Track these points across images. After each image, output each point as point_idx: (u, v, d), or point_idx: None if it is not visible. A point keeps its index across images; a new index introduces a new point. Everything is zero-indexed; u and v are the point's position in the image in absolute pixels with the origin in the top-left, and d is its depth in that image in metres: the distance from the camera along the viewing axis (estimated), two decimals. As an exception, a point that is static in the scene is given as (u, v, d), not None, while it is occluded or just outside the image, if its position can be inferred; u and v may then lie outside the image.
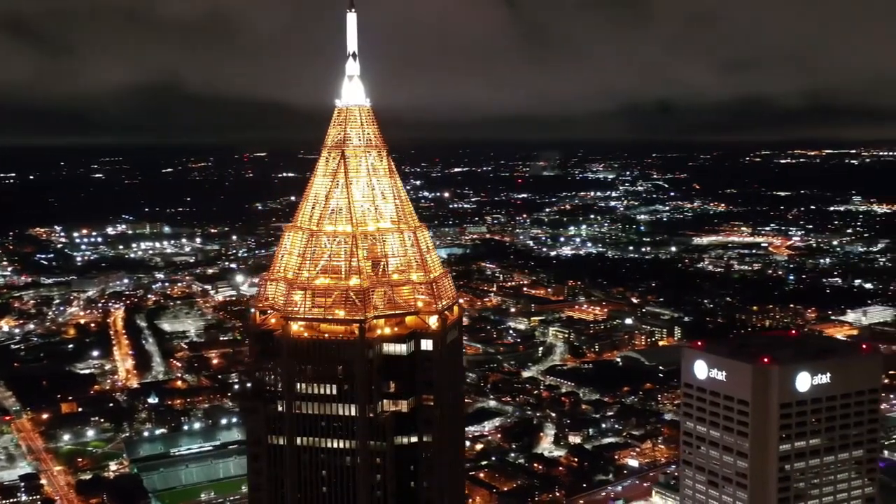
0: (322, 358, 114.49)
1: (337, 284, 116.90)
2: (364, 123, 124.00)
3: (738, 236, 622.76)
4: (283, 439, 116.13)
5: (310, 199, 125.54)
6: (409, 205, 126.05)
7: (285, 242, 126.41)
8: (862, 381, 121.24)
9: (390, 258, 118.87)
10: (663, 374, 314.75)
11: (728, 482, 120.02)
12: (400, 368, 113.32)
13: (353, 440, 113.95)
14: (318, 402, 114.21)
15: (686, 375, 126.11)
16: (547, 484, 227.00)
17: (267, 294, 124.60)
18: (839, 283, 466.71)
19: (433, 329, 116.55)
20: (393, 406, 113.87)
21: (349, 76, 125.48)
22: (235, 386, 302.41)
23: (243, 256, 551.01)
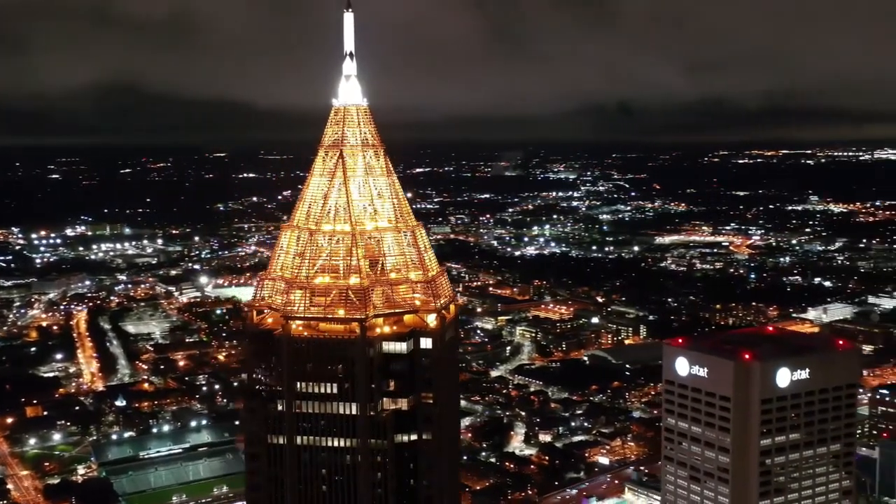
0: (323, 357, 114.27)
1: (336, 283, 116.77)
2: (361, 123, 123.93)
3: (700, 236, 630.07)
4: (283, 438, 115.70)
5: (307, 199, 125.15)
6: (406, 204, 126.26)
7: (282, 242, 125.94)
8: (840, 376, 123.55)
9: (388, 257, 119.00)
10: (630, 372, 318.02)
11: (710, 477, 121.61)
12: (400, 367, 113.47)
13: (353, 439, 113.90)
14: (318, 400, 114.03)
15: (667, 372, 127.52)
16: (519, 482, 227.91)
17: (264, 293, 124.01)
18: (799, 281, 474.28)
19: (432, 327, 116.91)
20: (393, 404, 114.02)
21: (346, 76, 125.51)
22: (203, 388, 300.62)
23: (206, 257, 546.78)
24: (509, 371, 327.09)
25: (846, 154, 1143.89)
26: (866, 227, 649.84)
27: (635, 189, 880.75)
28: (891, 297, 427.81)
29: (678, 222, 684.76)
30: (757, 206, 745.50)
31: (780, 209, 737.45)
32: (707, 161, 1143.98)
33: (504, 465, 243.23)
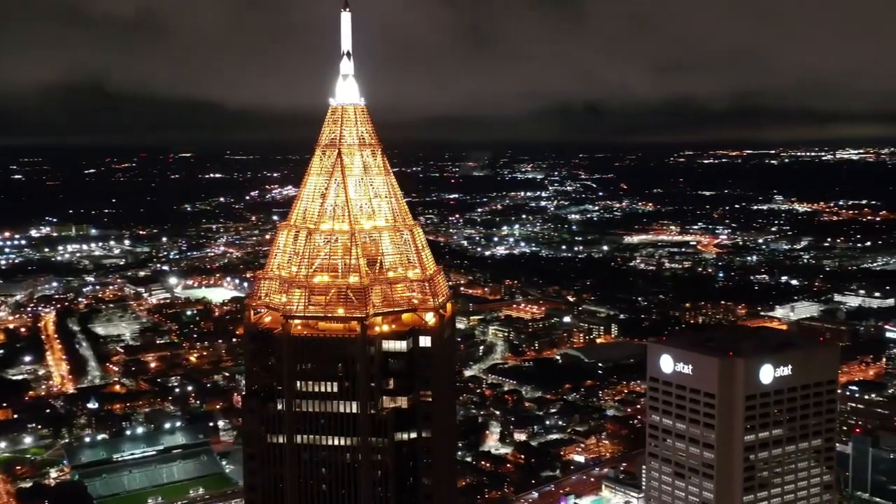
0: (323, 355, 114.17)
1: (335, 282, 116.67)
2: (358, 122, 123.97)
3: (668, 235, 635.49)
4: (283, 437, 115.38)
5: (304, 198, 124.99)
6: (403, 203, 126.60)
7: (279, 241, 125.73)
8: (820, 372, 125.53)
9: (386, 256, 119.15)
10: (603, 370, 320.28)
11: (694, 473, 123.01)
12: (399, 365, 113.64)
13: (354, 437, 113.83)
14: (318, 399, 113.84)
15: (652, 370, 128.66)
16: (496, 481, 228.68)
17: (261, 293, 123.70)
18: (766, 279, 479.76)
19: (431, 326, 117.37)
20: (392, 403, 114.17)
21: (343, 75, 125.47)
22: (176, 389, 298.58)
23: (175, 258, 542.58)
24: (483, 370, 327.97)
25: (809, 154, 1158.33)
26: (830, 227, 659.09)
27: (603, 189, 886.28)
28: (856, 296, 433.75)
29: (646, 222, 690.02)
30: (723, 206, 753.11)
31: (745, 209, 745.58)
32: (673, 161, 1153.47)
33: (480, 464, 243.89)
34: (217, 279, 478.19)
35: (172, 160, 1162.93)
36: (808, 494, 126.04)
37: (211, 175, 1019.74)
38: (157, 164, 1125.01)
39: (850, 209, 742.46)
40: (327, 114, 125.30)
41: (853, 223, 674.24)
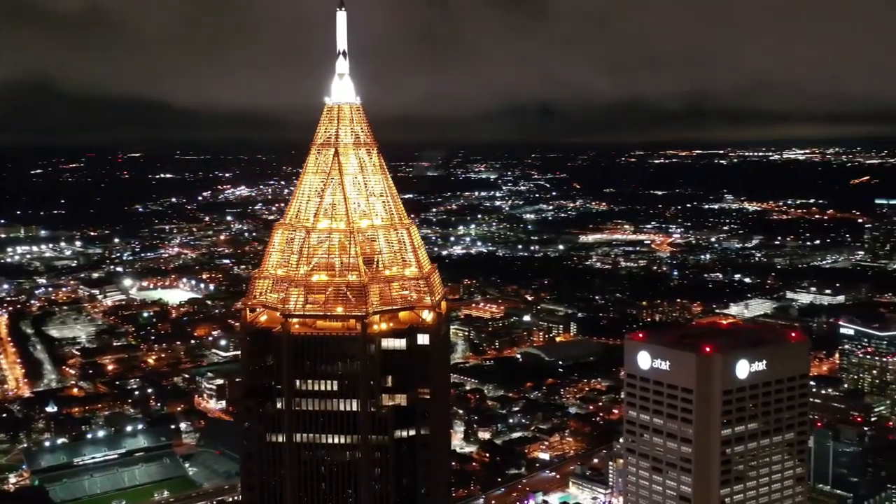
0: (323, 354, 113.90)
1: (333, 281, 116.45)
2: (354, 121, 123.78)
3: (622, 234, 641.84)
4: (282, 437, 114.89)
5: (300, 197, 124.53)
6: (399, 202, 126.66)
7: (275, 240, 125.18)
8: (793, 367, 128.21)
9: (384, 254, 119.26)
10: (563, 369, 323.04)
11: (672, 467, 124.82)
12: (398, 363, 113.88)
13: (354, 435, 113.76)
14: (318, 398, 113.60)
15: (629, 366, 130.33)
16: (462, 479, 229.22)
17: (258, 292, 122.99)
18: (720, 277, 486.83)
19: (428, 323, 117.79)
20: (391, 400, 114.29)
21: (339, 74, 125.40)
22: (136, 392, 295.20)
23: (129, 260, 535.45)
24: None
25: (757, 154, 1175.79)
26: (780, 226, 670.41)
27: (556, 189, 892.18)
28: (807, 293, 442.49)
29: (600, 221, 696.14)
30: (675, 205, 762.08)
31: (697, 208, 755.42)
32: (624, 161, 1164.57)
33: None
34: (173, 280, 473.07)
35: (121, 160, 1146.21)
36: (782, 487, 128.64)
37: (161, 175, 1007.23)
38: (106, 164, 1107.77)
39: (798, 208, 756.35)
40: (323, 112, 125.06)
41: (802, 222, 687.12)
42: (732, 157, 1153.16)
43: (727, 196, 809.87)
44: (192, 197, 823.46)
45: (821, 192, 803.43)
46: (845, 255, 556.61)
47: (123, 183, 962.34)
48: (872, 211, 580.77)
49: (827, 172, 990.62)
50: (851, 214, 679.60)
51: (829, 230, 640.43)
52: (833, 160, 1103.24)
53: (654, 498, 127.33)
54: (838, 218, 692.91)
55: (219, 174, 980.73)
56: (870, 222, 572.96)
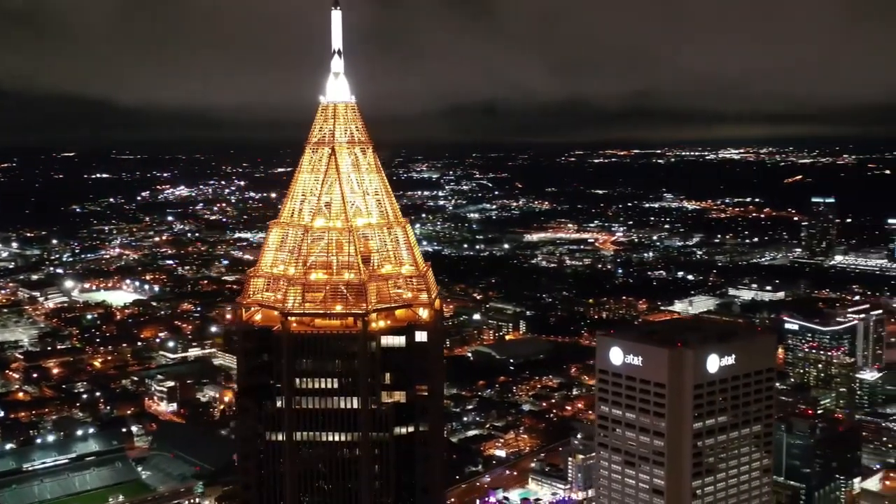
0: (323, 352, 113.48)
1: (330, 279, 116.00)
2: (349, 120, 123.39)
3: (566, 233, 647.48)
4: (282, 435, 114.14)
5: (294, 196, 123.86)
6: (394, 200, 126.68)
7: (271, 239, 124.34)
8: (760, 361, 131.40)
9: (380, 253, 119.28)
10: (514, 367, 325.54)
11: (644, 461, 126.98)
12: (397, 360, 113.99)
13: (354, 432, 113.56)
14: (318, 396, 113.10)
15: (601, 362, 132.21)
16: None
17: (253, 291, 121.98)
18: (664, 275, 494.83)
19: (426, 321, 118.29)
20: (390, 397, 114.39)
21: (334, 73, 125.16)
22: (84, 395, 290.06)
23: (69, 261, 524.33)
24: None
25: (693, 154, 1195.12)
26: (719, 224, 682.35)
27: (498, 188, 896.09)
28: (748, 289, 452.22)
29: (544, 220, 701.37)
30: (616, 204, 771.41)
31: (638, 207, 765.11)
32: (564, 160, 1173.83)
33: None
34: (116, 282, 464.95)
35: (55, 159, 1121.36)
36: (750, 478, 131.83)
37: (97, 175, 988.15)
38: (39, 163, 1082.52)
39: (735, 207, 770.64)
40: (317, 111, 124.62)
41: (740, 220, 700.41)
42: (670, 157, 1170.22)
43: (666, 195, 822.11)
44: (131, 197, 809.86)
45: (756, 190, 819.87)
46: (783, 253, 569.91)
47: (58, 183, 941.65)
48: (808, 209, 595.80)
49: (761, 172, 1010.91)
50: (787, 213, 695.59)
51: (766, 228, 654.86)
52: (767, 160, 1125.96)
53: (627, 491, 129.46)
54: (774, 216, 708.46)
55: (157, 174, 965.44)
56: (806, 220, 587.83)
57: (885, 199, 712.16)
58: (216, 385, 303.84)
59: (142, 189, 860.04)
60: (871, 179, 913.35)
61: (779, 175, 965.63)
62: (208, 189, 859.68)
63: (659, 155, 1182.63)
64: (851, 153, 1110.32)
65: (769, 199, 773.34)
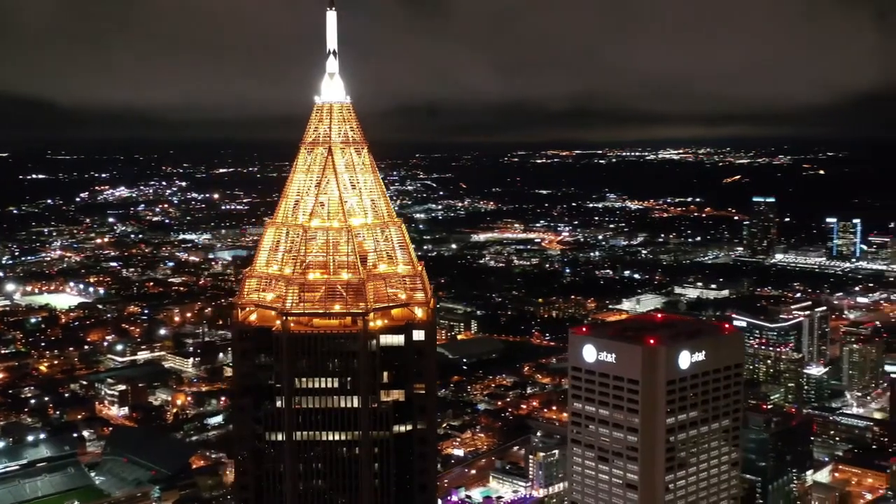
0: (324, 352, 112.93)
1: (328, 279, 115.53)
2: (344, 120, 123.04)
3: (512, 233, 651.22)
4: (282, 435, 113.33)
5: (290, 195, 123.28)
6: (388, 200, 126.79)
7: (266, 239, 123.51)
8: (729, 357, 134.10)
9: (377, 252, 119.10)
10: (468, 366, 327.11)
11: (618, 456, 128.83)
12: (395, 359, 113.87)
13: (355, 431, 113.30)
14: (319, 395, 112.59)
15: (574, 359, 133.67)
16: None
17: (249, 291, 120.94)
18: (610, 274, 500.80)
19: (423, 319, 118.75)
20: (388, 396, 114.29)
21: (330, 73, 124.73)
22: (31, 401, 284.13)
23: (8, 264, 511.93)
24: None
25: (634, 154, 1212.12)
26: (662, 223, 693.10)
27: (443, 188, 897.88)
28: (694, 287, 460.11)
29: (490, 220, 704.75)
30: (560, 204, 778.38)
31: (582, 207, 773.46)
32: (507, 161, 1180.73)
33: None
34: (59, 284, 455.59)
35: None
36: (719, 472, 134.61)
37: (33, 176, 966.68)
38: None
39: (677, 206, 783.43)
40: (312, 111, 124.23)
41: (682, 220, 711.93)
42: (611, 157, 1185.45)
43: (609, 195, 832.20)
44: (69, 198, 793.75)
45: (696, 190, 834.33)
46: (725, 252, 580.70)
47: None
48: (746, 209, 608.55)
49: (700, 172, 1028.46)
50: (727, 212, 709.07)
51: (707, 228, 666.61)
52: (705, 160, 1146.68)
53: (601, 486, 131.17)
54: (715, 216, 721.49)
55: (95, 175, 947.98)
56: (747, 219, 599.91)
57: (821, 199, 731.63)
58: (168, 388, 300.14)
59: (80, 190, 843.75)
60: (807, 179, 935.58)
61: (717, 175, 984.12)
62: (149, 190, 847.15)
63: (600, 155, 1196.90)
64: (787, 154, 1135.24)
65: (709, 198, 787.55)
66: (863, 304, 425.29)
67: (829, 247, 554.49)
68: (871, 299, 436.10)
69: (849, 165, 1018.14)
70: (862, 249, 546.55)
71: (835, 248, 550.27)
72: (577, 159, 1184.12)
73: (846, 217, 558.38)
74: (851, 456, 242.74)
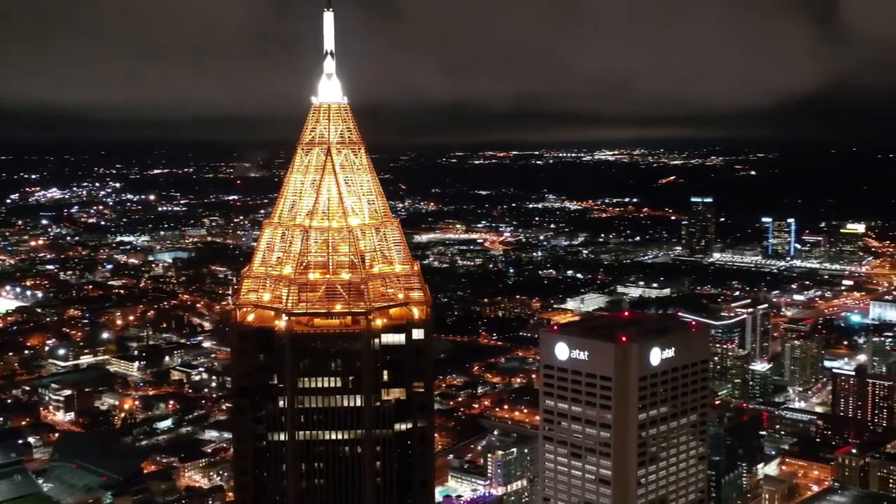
0: (327, 352, 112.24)
1: (328, 279, 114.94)
2: (341, 120, 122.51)
3: (455, 233, 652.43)
4: (284, 435, 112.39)
5: (287, 195, 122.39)
6: (385, 200, 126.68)
7: (264, 239, 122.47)
8: (696, 353, 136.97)
9: (375, 252, 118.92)
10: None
11: (591, 452, 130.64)
12: (395, 357, 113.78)
13: (358, 430, 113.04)
14: (322, 395, 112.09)
15: (546, 358, 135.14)
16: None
17: (247, 291, 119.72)
18: (553, 274, 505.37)
19: (422, 318, 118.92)
20: (391, 395, 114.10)
21: (327, 74, 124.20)
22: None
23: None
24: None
25: (570, 155, 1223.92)
26: (601, 223, 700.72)
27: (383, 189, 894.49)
28: (636, 287, 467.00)
29: (432, 221, 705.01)
30: (501, 205, 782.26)
31: (522, 207, 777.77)
32: (445, 161, 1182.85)
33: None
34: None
35: None
36: (687, 466, 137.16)
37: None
38: None
39: (615, 207, 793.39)
40: (309, 112, 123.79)
41: (621, 220, 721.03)
42: (548, 158, 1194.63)
43: (549, 196, 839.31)
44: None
45: (633, 191, 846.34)
46: (664, 251, 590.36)
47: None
48: (683, 208, 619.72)
49: (635, 172, 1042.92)
50: (664, 212, 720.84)
51: (646, 227, 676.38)
52: (640, 161, 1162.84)
53: (574, 483, 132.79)
54: (653, 216, 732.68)
55: (25, 176, 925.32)
56: (685, 219, 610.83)
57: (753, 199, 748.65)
58: (115, 393, 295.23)
59: (10, 191, 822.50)
60: (740, 180, 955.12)
61: (652, 176, 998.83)
62: (82, 191, 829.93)
63: (537, 156, 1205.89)
64: (719, 155, 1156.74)
65: (646, 199, 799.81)
66: (799, 302, 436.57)
67: (765, 246, 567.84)
68: (807, 296, 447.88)
69: (779, 166, 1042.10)
70: (796, 248, 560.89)
71: (770, 247, 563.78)
72: (514, 160, 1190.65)
73: (781, 217, 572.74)
74: (798, 449, 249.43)
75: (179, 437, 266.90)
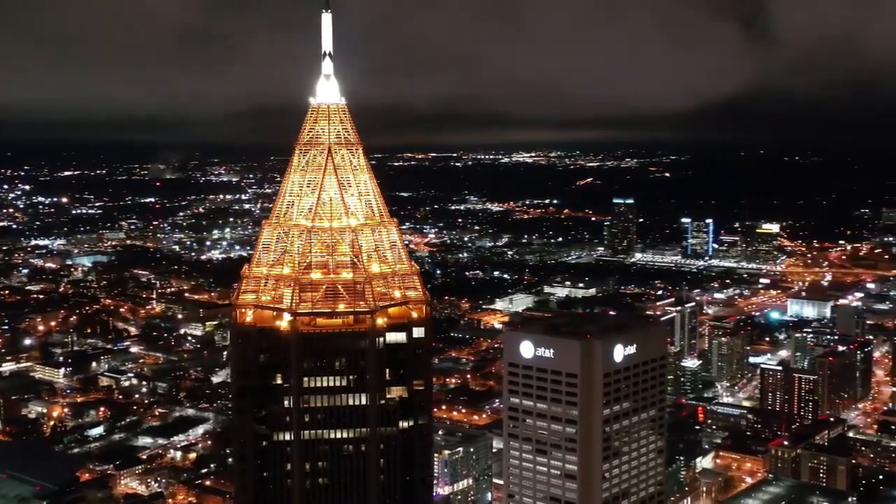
0: (332, 351, 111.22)
1: (329, 279, 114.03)
2: (338, 121, 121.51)
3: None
4: (289, 434, 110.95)
5: (286, 196, 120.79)
6: (382, 200, 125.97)
7: (263, 239, 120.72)
8: (655, 350, 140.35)
9: (375, 252, 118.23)
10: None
11: (557, 448, 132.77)
12: (398, 356, 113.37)
13: (363, 428, 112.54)
14: (327, 394, 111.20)
15: (510, 356, 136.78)
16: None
17: (247, 292, 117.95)
18: (480, 275, 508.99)
19: (422, 317, 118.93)
20: (393, 393, 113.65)
21: (325, 75, 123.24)
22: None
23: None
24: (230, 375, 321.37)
25: (489, 157, 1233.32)
26: (524, 225, 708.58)
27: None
28: (562, 287, 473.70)
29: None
30: (424, 206, 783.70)
31: (444, 209, 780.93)
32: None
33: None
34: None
35: None
36: (647, 459, 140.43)
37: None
38: None
39: (536, 208, 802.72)
40: (308, 113, 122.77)
41: (543, 221, 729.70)
42: (467, 160, 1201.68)
43: (470, 197, 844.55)
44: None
45: (552, 192, 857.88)
46: (587, 251, 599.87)
47: None
48: (603, 210, 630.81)
49: (553, 174, 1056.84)
50: (585, 213, 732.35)
51: (567, 228, 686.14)
52: (557, 163, 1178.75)
53: (539, 478, 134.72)
54: (574, 216, 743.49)
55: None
56: (607, 220, 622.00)
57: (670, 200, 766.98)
58: (42, 400, 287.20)
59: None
60: (654, 181, 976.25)
61: (569, 178, 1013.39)
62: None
63: (456, 158, 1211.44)
64: (633, 157, 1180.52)
65: (565, 200, 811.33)
66: (720, 300, 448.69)
67: (685, 246, 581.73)
68: (727, 295, 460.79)
69: (691, 168, 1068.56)
70: (714, 248, 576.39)
71: (689, 247, 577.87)
72: (433, 162, 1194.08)
73: (699, 217, 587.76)
74: (730, 443, 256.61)
75: (112, 444, 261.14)
